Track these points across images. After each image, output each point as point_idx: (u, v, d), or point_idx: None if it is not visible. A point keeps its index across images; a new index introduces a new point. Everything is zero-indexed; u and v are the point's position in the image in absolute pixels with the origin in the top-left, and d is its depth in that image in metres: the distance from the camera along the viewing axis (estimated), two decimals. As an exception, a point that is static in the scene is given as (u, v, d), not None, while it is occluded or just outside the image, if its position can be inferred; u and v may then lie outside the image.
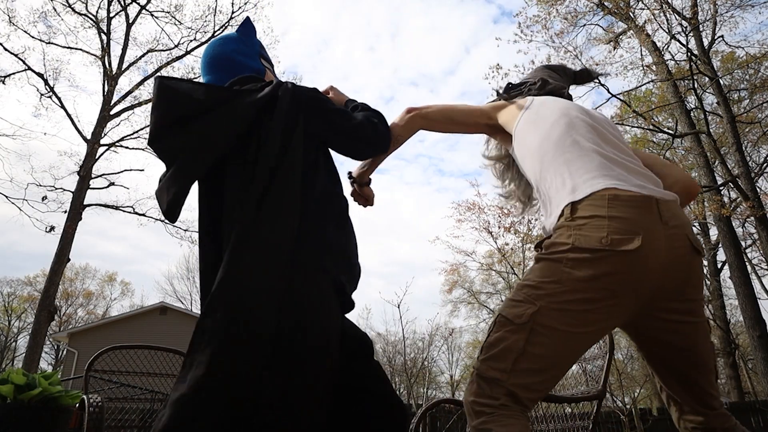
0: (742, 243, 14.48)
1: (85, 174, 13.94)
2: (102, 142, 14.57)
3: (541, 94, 1.54)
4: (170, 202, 1.23)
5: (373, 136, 1.42)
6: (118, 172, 14.91)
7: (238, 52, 1.50)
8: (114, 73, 15.23)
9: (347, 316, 1.38)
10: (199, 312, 1.17)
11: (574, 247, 1.11)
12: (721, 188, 12.07)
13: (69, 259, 13.47)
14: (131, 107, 15.34)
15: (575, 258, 1.11)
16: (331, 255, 1.22)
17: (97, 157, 14.45)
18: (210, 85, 1.30)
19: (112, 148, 14.91)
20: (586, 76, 1.76)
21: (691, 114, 12.94)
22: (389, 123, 1.55)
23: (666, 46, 12.72)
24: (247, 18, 1.58)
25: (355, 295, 1.34)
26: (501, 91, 1.63)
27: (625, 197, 1.14)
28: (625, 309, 1.13)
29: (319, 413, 1.10)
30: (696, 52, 12.09)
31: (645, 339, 1.24)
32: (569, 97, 1.62)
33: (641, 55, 12.88)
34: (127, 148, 15.16)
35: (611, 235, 1.10)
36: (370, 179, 1.68)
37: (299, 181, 1.20)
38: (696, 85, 11.93)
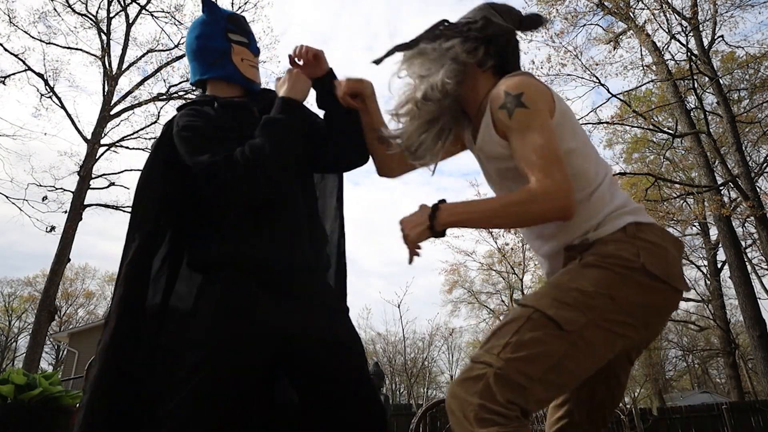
0: (742, 243, 14.46)
1: (85, 174, 13.92)
2: (102, 142, 14.53)
3: (484, 37, 1.31)
4: None
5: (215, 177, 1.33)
6: (118, 172, 14.90)
7: (203, 36, 1.53)
8: (114, 73, 15.20)
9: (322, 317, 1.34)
10: None
11: (644, 269, 1.04)
12: (721, 188, 12.07)
13: (69, 259, 13.46)
14: (131, 107, 15.30)
15: (639, 281, 1.04)
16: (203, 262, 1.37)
17: (97, 157, 14.41)
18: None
19: (113, 148, 14.88)
20: (533, 22, 1.44)
21: (691, 114, 12.94)
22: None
23: (666, 46, 12.74)
24: None
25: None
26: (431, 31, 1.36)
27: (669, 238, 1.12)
28: (634, 342, 1.09)
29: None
30: (696, 52, 12.08)
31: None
32: (517, 44, 1.38)
33: (641, 55, 12.90)
34: (127, 148, 15.14)
35: (672, 269, 1.07)
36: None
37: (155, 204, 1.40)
38: (696, 85, 11.93)
